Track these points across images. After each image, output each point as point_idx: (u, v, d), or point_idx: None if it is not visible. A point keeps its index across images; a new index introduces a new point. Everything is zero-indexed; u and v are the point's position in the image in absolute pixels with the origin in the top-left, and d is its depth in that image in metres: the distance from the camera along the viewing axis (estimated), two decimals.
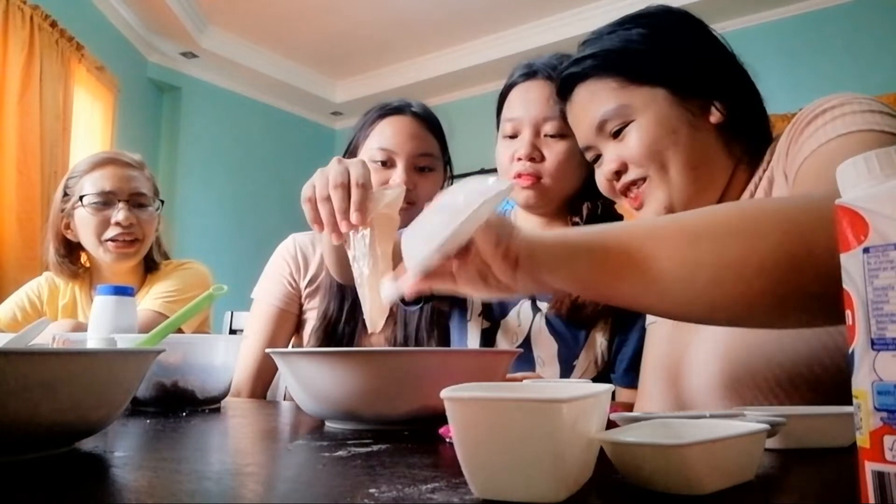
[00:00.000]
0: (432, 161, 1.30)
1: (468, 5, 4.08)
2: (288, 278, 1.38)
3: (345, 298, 1.27)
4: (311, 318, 1.33)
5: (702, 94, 0.83)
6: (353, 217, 0.75)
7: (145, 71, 4.19)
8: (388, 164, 1.26)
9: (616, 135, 0.85)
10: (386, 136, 1.27)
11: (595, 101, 0.86)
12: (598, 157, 0.90)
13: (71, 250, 1.55)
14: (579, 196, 1.09)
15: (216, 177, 4.52)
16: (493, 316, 1.12)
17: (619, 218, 1.12)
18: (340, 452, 0.54)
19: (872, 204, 0.33)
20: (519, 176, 1.06)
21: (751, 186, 0.83)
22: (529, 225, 1.17)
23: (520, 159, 1.05)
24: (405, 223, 1.31)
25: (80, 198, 1.48)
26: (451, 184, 1.37)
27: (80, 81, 3.17)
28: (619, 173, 0.85)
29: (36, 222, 2.69)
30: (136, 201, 1.51)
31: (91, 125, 3.33)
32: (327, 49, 4.63)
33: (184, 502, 0.38)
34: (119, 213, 1.47)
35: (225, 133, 4.63)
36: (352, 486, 0.42)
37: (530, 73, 1.09)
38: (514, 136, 1.08)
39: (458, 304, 1.19)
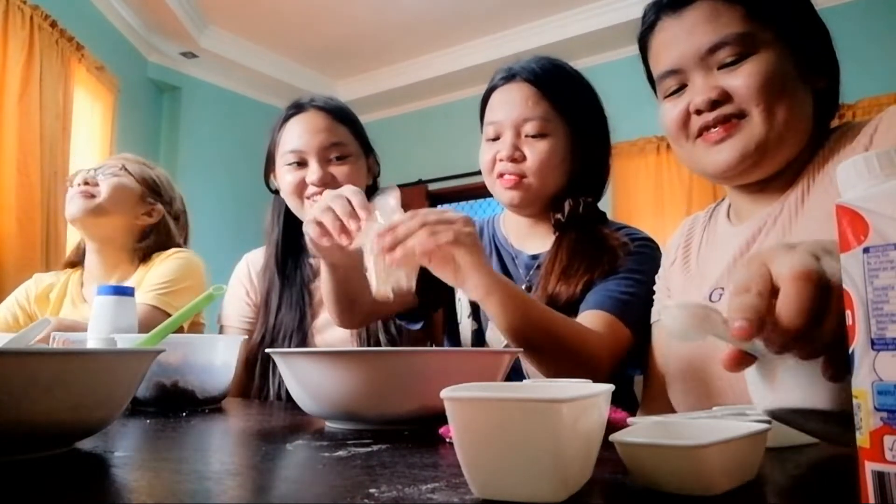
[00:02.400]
0: (344, 149, 1.31)
1: (468, 5, 4.08)
2: (246, 299, 1.40)
3: (280, 310, 1.31)
4: None
5: (813, 58, 0.82)
6: (361, 213, 0.81)
7: (145, 71, 4.19)
8: (301, 163, 1.28)
9: (727, 65, 0.80)
10: (293, 136, 1.29)
11: (718, 21, 0.80)
12: (679, 88, 0.84)
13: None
14: (562, 194, 1.10)
15: (216, 176, 4.52)
16: (481, 317, 1.13)
17: (602, 215, 1.13)
18: (340, 452, 0.54)
19: (872, 204, 0.33)
20: (501, 176, 1.08)
21: (813, 167, 0.81)
22: (516, 226, 1.18)
23: (502, 160, 1.07)
24: None
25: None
26: (380, 171, 1.41)
27: (80, 81, 3.16)
28: (715, 104, 0.80)
29: (36, 222, 2.69)
30: (102, 170, 1.52)
31: (91, 125, 3.32)
32: (327, 49, 4.63)
33: (184, 502, 0.38)
34: (78, 175, 1.50)
35: (225, 133, 4.63)
36: (352, 486, 0.42)
37: (510, 76, 1.11)
38: (496, 139, 1.10)
39: (449, 308, 1.20)
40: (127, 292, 0.98)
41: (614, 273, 1.02)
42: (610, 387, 0.43)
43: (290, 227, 1.37)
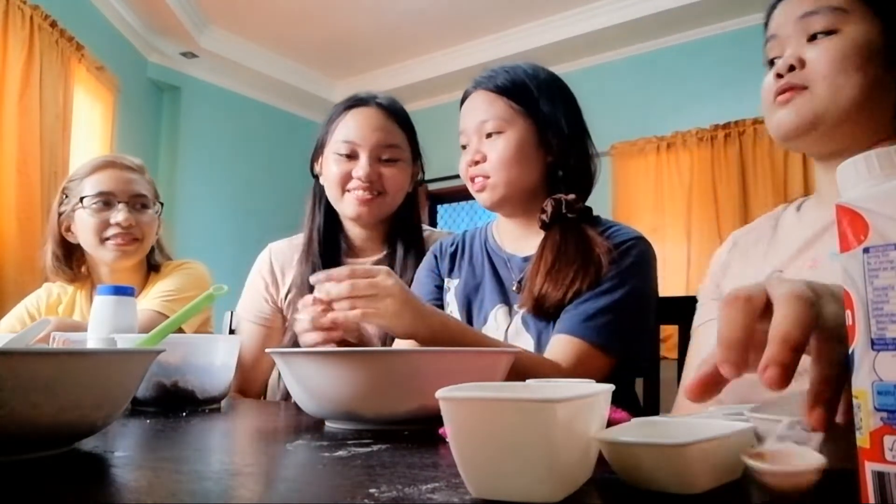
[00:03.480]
0: (397, 152, 1.31)
1: (468, 6, 4.08)
2: (265, 294, 1.38)
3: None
4: None
5: None
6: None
7: (145, 71, 4.19)
8: (351, 156, 1.28)
9: (813, 38, 0.82)
10: (350, 128, 1.29)
11: None
12: (776, 58, 0.87)
13: (70, 253, 1.56)
14: (540, 192, 1.11)
15: (216, 177, 4.52)
16: (471, 322, 1.14)
17: (589, 211, 1.12)
18: (340, 452, 0.54)
19: (872, 204, 0.33)
20: (472, 180, 1.11)
21: None
22: (509, 230, 1.19)
23: (470, 165, 1.11)
24: (376, 213, 1.31)
25: (81, 199, 1.49)
26: (424, 177, 1.40)
27: (80, 81, 3.16)
28: (791, 69, 0.83)
29: (36, 222, 2.69)
30: (136, 203, 1.52)
31: (91, 125, 3.32)
32: (327, 49, 4.63)
33: (184, 502, 0.38)
34: (119, 214, 1.48)
35: (225, 133, 4.62)
36: (352, 486, 0.42)
37: (471, 88, 1.15)
38: (466, 147, 1.13)
39: None
40: (127, 292, 0.98)
41: (598, 284, 1.02)
42: (609, 387, 0.43)
43: (329, 215, 1.37)
